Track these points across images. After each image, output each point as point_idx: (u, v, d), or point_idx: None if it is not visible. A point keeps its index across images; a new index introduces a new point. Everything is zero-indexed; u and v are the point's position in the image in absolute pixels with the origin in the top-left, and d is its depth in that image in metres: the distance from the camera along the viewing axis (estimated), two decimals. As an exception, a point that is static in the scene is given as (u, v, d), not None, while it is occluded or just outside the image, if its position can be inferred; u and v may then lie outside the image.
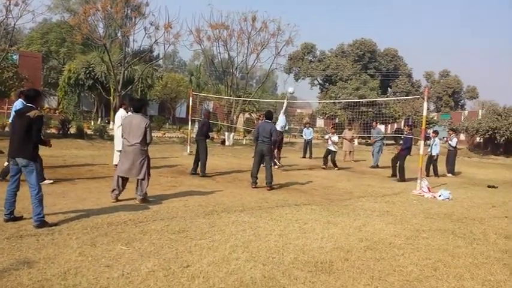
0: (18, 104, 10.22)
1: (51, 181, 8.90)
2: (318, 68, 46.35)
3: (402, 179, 13.06)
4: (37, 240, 5.09)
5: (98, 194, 8.06)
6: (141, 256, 4.82)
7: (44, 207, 5.68)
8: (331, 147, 15.99)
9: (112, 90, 31.48)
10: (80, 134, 20.78)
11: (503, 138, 28.48)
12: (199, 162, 11.73)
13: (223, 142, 25.76)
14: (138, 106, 7.92)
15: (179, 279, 4.23)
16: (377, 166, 17.08)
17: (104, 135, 21.67)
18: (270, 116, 10.79)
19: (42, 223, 5.57)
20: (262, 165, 10.38)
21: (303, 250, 5.45)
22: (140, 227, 6.03)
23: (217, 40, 26.87)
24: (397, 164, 13.48)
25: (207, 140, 12.03)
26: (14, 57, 28.84)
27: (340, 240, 6.03)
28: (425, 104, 11.92)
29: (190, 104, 19.55)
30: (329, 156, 15.90)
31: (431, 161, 15.49)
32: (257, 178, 10.14)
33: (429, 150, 15.44)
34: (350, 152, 20.01)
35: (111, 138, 19.89)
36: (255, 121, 29.21)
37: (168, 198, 8.22)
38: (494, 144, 30.50)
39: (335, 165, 15.76)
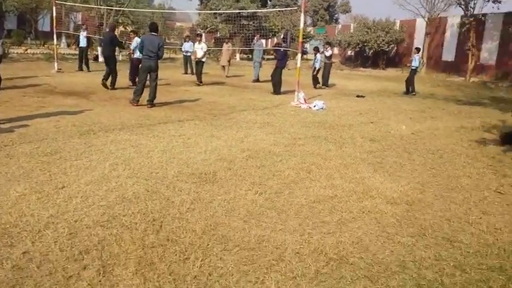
0: None
1: None
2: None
3: (277, 92, 13.45)
4: None
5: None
6: (9, 181, 4.42)
7: None
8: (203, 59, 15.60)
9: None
10: None
11: (372, 50, 30.73)
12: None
13: (96, 58, 23.86)
14: None
15: (54, 201, 3.99)
16: (258, 80, 17.38)
17: None
18: (155, 27, 9.92)
19: None
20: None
21: (186, 164, 5.46)
22: (5, 150, 5.48)
23: None
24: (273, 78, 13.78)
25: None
26: None
27: (223, 152, 6.15)
28: (302, 17, 12.12)
29: (54, 15, 17.44)
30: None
31: (313, 74, 16.27)
32: (141, 96, 9.62)
33: (312, 65, 16.05)
34: (224, 66, 19.46)
35: None
36: (131, 35, 27.43)
37: (35, 118, 7.52)
38: (363, 57, 32.84)
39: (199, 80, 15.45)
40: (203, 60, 15.62)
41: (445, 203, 4.63)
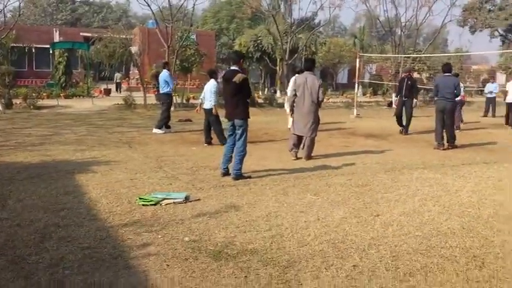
0: (165, 75, 11.68)
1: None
2: (499, 17, 40.75)
3: None
4: (237, 189, 5.70)
5: (278, 153, 8.54)
6: (331, 205, 5.04)
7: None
8: None
9: (278, 60, 32.60)
10: (252, 103, 22.20)
11: None
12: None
13: (389, 104, 24.72)
14: (310, 65, 8.19)
15: (372, 226, 4.33)
16: None
17: (273, 103, 22.76)
18: (449, 68, 9.86)
19: (239, 176, 6.20)
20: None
21: (501, 205, 5.03)
22: (324, 180, 6.28)
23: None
24: None
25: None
26: (192, 36, 31.92)
27: (547, 197, 5.38)
28: None
29: (357, 65, 19.17)
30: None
31: None
32: (443, 138, 9.41)
33: None
34: None
35: (280, 105, 20.89)
36: (424, 80, 27.37)
37: (342, 156, 8.33)
38: None
39: None
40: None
41: None
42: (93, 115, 16.43)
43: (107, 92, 25.23)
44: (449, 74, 9.72)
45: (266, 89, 37.22)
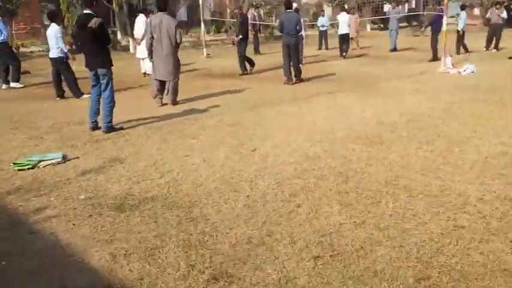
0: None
1: (89, 95, 9.13)
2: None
3: (436, 58, 13.01)
4: (113, 142, 5.65)
5: (142, 100, 8.45)
6: (211, 146, 5.38)
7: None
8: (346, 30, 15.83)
9: None
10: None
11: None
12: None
13: (234, 42, 25.45)
14: (162, 4, 7.69)
15: (253, 160, 4.82)
16: (395, 49, 17.06)
17: (116, 46, 21.47)
18: (290, 4, 10.49)
19: (110, 128, 6.09)
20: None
21: (350, 128, 5.96)
22: (197, 123, 6.56)
23: None
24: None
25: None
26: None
27: (382, 117, 6.51)
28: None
29: (201, 2, 19.08)
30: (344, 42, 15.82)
31: (460, 37, 15.13)
32: (291, 73, 10.25)
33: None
34: (353, 38, 19.26)
35: (124, 48, 19.94)
36: (263, 16, 28.48)
37: (207, 98, 8.66)
38: (510, 15, 29.58)
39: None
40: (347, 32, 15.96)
41: None
42: None
43: None
44: (291, 10, 10.43)
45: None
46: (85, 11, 6.07)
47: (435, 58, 13.04)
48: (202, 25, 19.23)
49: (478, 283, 2.49)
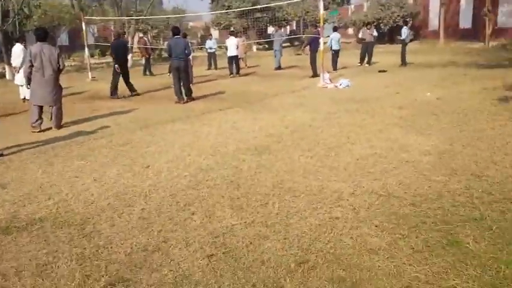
0: None
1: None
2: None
3: (316, 74, 14.08)
4: (-7, 169, 5.31)
5: (21, 126, 8.00)
6: (102, 166, 5.32)
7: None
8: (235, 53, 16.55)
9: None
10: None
11: (387, 27, 30.97)
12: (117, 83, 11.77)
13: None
14: (42, 35, 7.73)
15: (146, 175, 4.88)
16: (280, 67, 18.15)
17: (-9, 72, 19.92)
18: (177, 31, 10.93)
19: (-12, 155, 5.72)
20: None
21: (240, 141, 6.29)
22: (85, 145, 6.40)
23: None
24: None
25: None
26: None
27: (269, 130, 6.97)
28: (320, 3, 12.84)
29: (84, 29, 18.54)
30: (234, 62, 16.53)
31: (335, 55, 16.62)
32: (181, 93, 10.47)
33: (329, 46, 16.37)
34: (242, 58, 20.29)
35: (0, 75, 18.62)
36: (150, 40, 28.36)
37: (94, 120, 8.47)
38: (379, 34, 33.09)
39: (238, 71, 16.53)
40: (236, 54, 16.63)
41: (472, 150, 5.33)
42: None
43: None
44: (179, 36, 10.78)
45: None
46: None
47: (315, 74, 14.16)
48: (86, 49, 18.65)
49: (348, 261, 2.88)
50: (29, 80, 7.62)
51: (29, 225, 3.60)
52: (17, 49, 11.68)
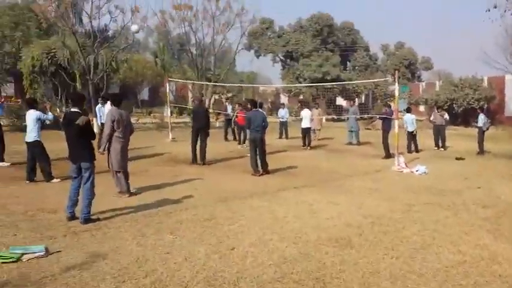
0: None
1: (59, 180, 9.13)
2: (278, 43, 46.81)
3: (388, 156, 14.02)
4: (92, 235, 5.73)
5: (111, 188, 8.53)
6: (190, 243, 5.57)
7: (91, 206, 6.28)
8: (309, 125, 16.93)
9: (78, 76, 30.95)
10: (57, 125, 20.68)
11: (461, 108, 30.28)
12: (199, 151, 12.11)
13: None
14: (118, 102, 8.13)
15: (232, 260, 5.04)
16: (351, 143, 18.24)
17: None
18: (255, 104, 11.56)
19: (88, 220, 6.17)
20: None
21: (320, 229, 6.35)
22: (173, 217, 6.74)
23: (183, 21, 27.32)
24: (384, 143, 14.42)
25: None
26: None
27: (347, 218, 6.97)
28: (396, 86, 13.03)
29: (167, 90, 19.94)
30: (306, 135, 16.88)
31: (411, 137, 16.29)
32: (257, 165, 10.80)
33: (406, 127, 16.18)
34: (317, 130, 20.59)
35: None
36: (224, 102, 29.74)
37: (176, 186, 8.93)
38: (452, 115, 32.43)
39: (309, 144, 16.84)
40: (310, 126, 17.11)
41: None
42: None
43: None
44: (257, 108, 11.35)
45: (64, 107, 34.74)
46: (72, 109, 6.40)
47: (387, 156, 14.05)
48: (168, 109, 19.94)
49: None
50: (106, 145, 7.81)
51: (132, 307, 3.83)
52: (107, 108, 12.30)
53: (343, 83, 33.89)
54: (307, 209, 7.49)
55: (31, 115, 9.02)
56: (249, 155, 11.39)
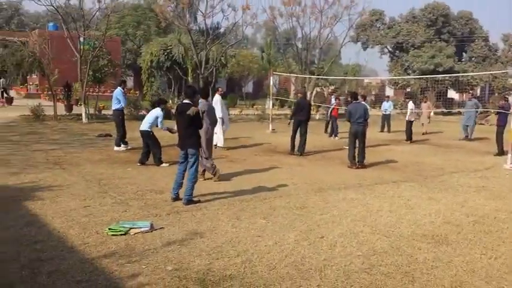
0: (118, 92, 11.94)
1: (168, 164, 9.97)
2: (388, 35, 45.02)
3: (502, 153, 12.94)
4: (192, 215, 6.21)
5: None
6: (281, 228, 5.78)
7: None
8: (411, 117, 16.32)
9: (190, 70, 32.94)
10: (168, 115, 22.33)
11: None
12: (299, 142, 12.32)
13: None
14: (206, 94, 8.69)
15: (321, 247, 5.15)
16: (467, 138, 17.14)
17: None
18: (356, 96, 11.37)
19: (190, 201, 6.70)
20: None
21: (416, 224, 6.16)
22: (267, 203, 7.02)
23: (291, 17, 27.49)
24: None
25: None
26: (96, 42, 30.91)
27: (447, 215, 6.66)
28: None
29: (271, 83, 20.40)
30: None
31: None
32: (354, 158, 10.70)
33: None
34: (423, 124, 19.69)
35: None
36: (326, 95, 29.55)
37: (273, 175, 9.21)
38: None
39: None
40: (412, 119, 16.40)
41: None
42: (3, 128, 15.54)
43: (9, 101, 23.61)
44: (358, 100, 11.15)
45: (176, 99, 37.20)
46: (185, 101, 6.94)
47: (501, 153, 12.94)
48: (270, 101, 20.37)
49: None
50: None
51: (221, 281, 4.14)
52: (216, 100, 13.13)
53: (457, 74, 31.69)
54: (404, 204, 7.28)
55: (155, 111, 10.02)
56: (347, 147, 11.33)
